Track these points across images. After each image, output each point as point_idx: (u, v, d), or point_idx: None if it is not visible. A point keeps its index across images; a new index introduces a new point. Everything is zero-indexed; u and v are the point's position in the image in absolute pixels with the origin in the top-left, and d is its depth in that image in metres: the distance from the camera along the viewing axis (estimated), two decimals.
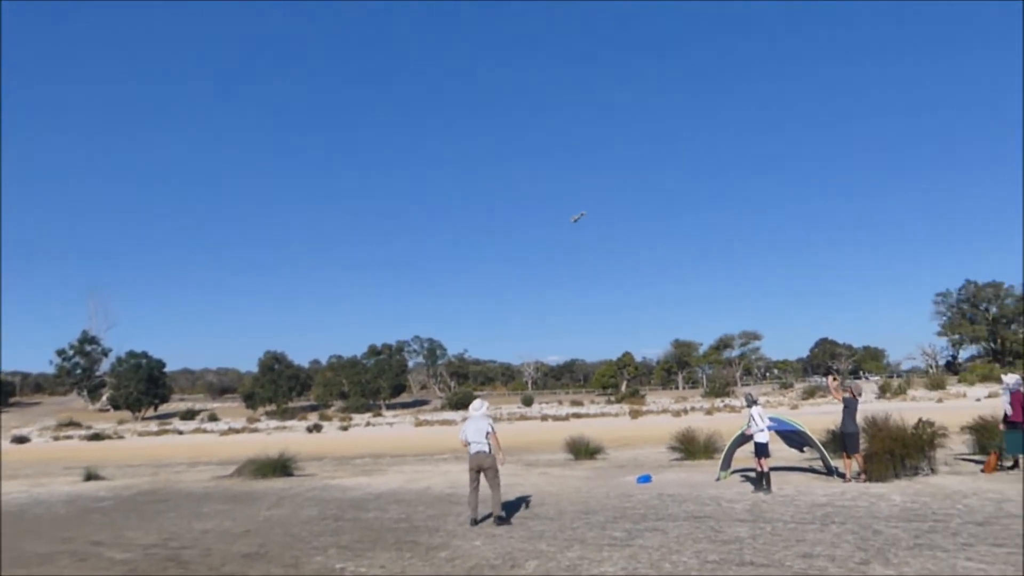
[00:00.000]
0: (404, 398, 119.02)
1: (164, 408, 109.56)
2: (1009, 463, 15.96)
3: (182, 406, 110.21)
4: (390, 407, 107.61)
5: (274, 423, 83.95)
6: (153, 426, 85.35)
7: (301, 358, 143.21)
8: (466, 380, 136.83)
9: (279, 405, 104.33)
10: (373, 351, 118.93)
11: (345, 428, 74.01)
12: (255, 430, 74.62)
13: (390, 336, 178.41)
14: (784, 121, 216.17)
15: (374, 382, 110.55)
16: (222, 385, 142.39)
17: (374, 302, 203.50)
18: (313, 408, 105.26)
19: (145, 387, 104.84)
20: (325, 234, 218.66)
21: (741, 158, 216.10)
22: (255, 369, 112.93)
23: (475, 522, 11.97)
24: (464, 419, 13.01)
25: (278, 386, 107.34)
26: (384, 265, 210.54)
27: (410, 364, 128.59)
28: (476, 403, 12.72)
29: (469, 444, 12.27)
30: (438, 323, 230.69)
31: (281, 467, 22.35)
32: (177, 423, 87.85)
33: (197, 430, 78.37)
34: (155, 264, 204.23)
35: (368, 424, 78.90)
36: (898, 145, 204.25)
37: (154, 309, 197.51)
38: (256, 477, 21.56)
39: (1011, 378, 16.71)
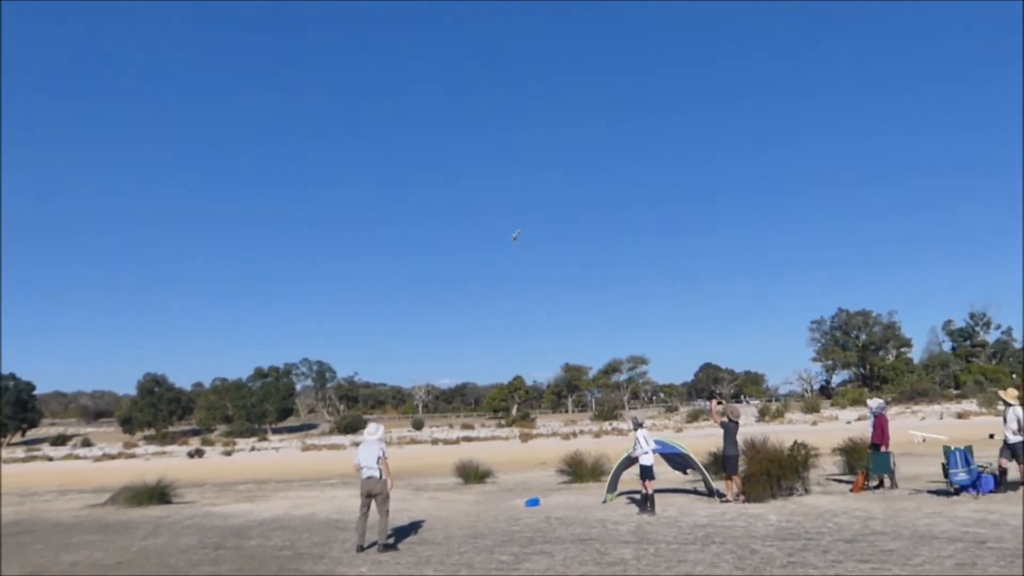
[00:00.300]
0: (291, 422, 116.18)
1: (33, 433, 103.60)
2: (875, 483, 16.79)
3: (53, 431, 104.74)
4: (276, 431, 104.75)
5: (153, 448, 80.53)
6: (20, 452, 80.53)
7: (183, 380, 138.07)
8: (356, 404, 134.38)
9: (159, 430, 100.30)
10: (259, 373, 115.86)
11: (229, 453, 71.58)
12: (132, 456, 71.31)
13: (277, 358, 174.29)
14: (664, 151, 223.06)
15: (260, 405, 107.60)
16: (97, 409, 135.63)
17: (261, 323, 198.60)
18: (195, 432, 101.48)
19: (12, 411, 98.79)
20: (211, 250, 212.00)
21: (629, 186, 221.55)
22: (133, 392, 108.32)
23: (361, 548, 11.76)
24: (358, 443, 12.82)
25: (158, 410, 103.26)
26: (272, 284, 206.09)
27: (298, 387, 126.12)
28: (371, 427, 12.55)
29: (361, 469, 12.08)
30: (328, 345, 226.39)
31: (159, 494, 21.42)
32: (47, 449, 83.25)
33: (69, 456, 74.34)
34: (24, 278, 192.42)
35: (253, 449, 76.56)
36: (774, 178, 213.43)
37: (23, 327, 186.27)
38: (131, 505, 20.58)
39: (874, 402, 17.72)
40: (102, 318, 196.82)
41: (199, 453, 70.72)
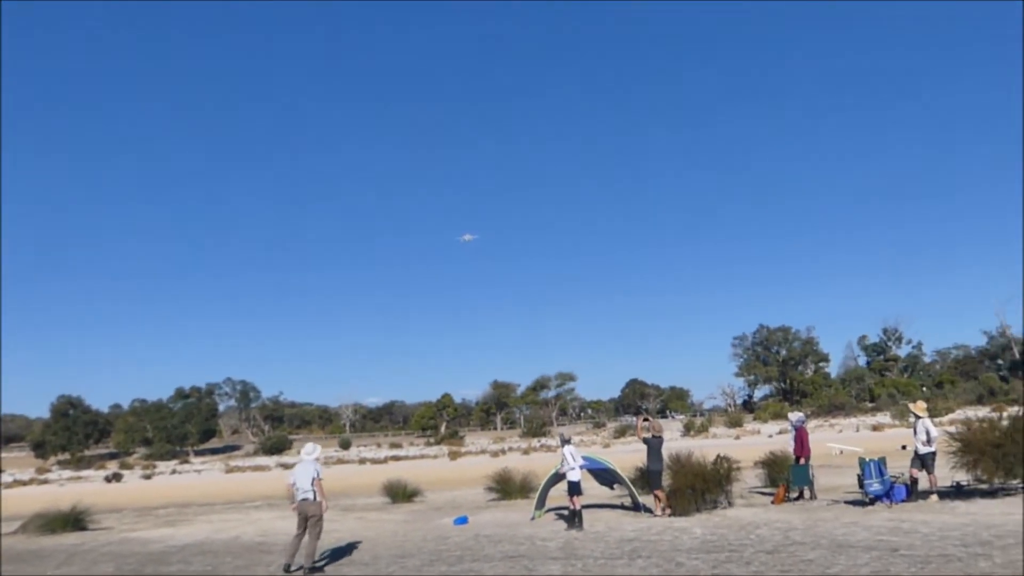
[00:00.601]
0: (214, 443, 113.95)
1: None
2: (795, 494, 17.21)
3: None
4: (199, 453, 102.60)
5: (68, 473, 77.93)
6: None
7: (100, 402, 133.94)
8: (281, 424, 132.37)
9: (74, 454, 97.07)
10: (180, 394, 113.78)
11: (148, 477, 69.71)
12: (45, 481, 68.70)
13: (199, 378, 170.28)
14: (587, 168, 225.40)
15: (181, 427, 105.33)
16: (8, 433, 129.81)
17: (183, 342, 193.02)
18: (113, 456, 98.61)
19: None
20: (128, 266, 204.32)
21: (552, 204, 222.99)
22: (46, 415, 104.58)
23: (288, 568, 11.54)
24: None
25: (73, 433, 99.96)
26: (194, 302, 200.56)
27: (221, 407, 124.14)
28: (308, 447, 12.37)
29: (296, 490, 11.89)
30: (252, 365, 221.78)
31: (73, 521, 20.63)
32: None
33: None
34: None
35: (174, 472, 74.70)
36: (695, 195, 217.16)
37: None
38: (44, 533, 19.76)
39: (795, 415, 18.24)
40: (12, 337, 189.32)
41: (117, 477, 68.77)
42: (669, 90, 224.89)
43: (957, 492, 15.75)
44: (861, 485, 15.38)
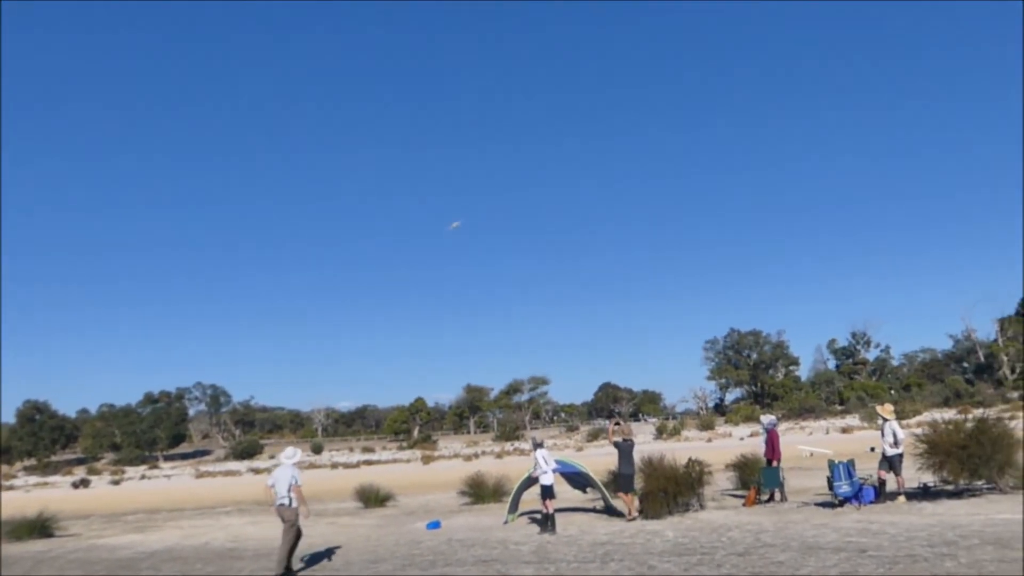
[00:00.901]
0: (184, 448, 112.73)
1: None
2: (766, 497, 17.37)
3: None
4: (168, 458, 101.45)
5: (34, 479, 76.65)
6: None
7: (67, 407, 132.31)
8: (252, 428, 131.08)
9: (40, 459, 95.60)
10: (149, 399, 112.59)
11: (117, 482, 68.76)
12: (11, 488, 67.48)
13: (169, 382, 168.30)
14: (556, 172, 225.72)
15: (150, 432, 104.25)
16: None
17: (152, 345, 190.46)
18: (81, 462, 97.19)
19: None
20: (95, 267, 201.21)
21: (523, 206, 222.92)
22: (12, 420, 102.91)
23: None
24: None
25: (39, 438, 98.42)
26: (163, 304, 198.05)
27: (191, 412, 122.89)
28: (288, 450, 12.33)
29: (275, 493, 11.85)
30: (222, 368, 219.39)
31: (40, 527, 20.35)
32: None
33: None
34: None
35: (143, 477, 73.82)
36: (666, 198, 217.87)
37: None
38: (10, 540, 19.46)
39: (766, 419, 18.48)
40: None
41: (85, 483, 67.71)
42: (642, 88, 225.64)
43: (924, 493, 15.99)
44: (831, 487, 15.57)
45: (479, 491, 23.53)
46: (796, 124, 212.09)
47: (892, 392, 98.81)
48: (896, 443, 15.38)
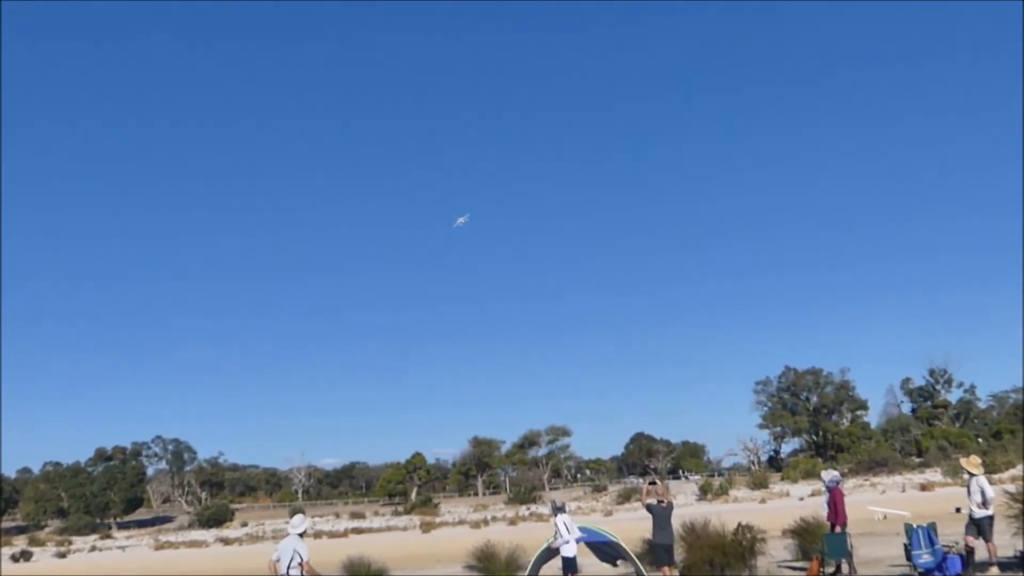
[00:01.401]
0: (142, 514, 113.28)
1: None
2: (831, 569, 17.15)
3: None
4: (123, 526, 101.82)
5: None
6: None
7: (6, 467, 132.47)
8: (221, 490, 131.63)
9: None
10: (102, 456, 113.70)
11: (63, 555, 69.00)
12: None
13: (124, 437, 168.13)
14: (587, 198, 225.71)
15: (102, 495, 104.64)
16: None
17: (104, 394, 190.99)
18: (21, 530, 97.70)
19: None
20: (39, 305, 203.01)
21: (540, 237, 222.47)
22: None
23: None
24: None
25: None
26: (116, 349, 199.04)
27: (150, 471, 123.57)
28: (296, 519, 12.42)
29: (278, 570, 11.84)
30: (186, 421, 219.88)
31: None
32: None
33: None
34: None
35: (94, 548, 73.91)
36: (708, 225, 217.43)
37: None
38: None
39: (828, 475, 18.21)
40: None
41: (26, 556, 67.99)
42: (682, 102, 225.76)
43: (1021, 563, 15.78)
44: (909, 557, 15.39)
45: (489, 565, 23.38)
46: (855, 134, 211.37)
47: (980, 441, 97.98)
48: (985, 503, 15.20)
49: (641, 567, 17.21)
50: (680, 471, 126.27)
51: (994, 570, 14.99)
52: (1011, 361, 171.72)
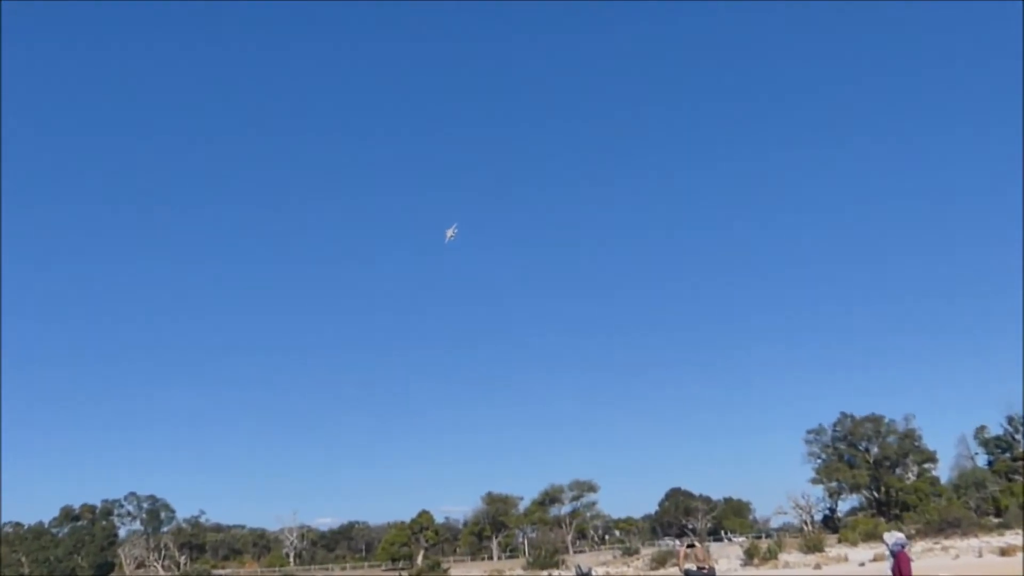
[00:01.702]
0: None
1: None
2: None
3: None
4: None
5: None
6: None
7: None
8: (203, 553, 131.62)
9: None
10: (68, 515, 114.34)
11: None
12: None
13: (93, 494, 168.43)
14: (617, 230, 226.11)
15: (68, 560, 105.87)
16: None
17: (71, 445, 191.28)
18: None
19: None
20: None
21: (566, 269, 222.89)
22: None
23: None
24: None
25: None
26: (85, 397, 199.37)
27: (122, 532, 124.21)
28: None
29: None
30: (162, 476, 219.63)
31: None
32: None
33: None
34: None
35: None
36: (753, 254, 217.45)
37: None
38: None
39: (892, 537, 17.33)
40: None
41: None
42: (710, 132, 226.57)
43: None
44: None
45: None
46: (926, 162, 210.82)
47: None
48: None
49: None
50: (722, 532, 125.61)
51: None
52: None
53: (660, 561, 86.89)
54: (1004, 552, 67.10)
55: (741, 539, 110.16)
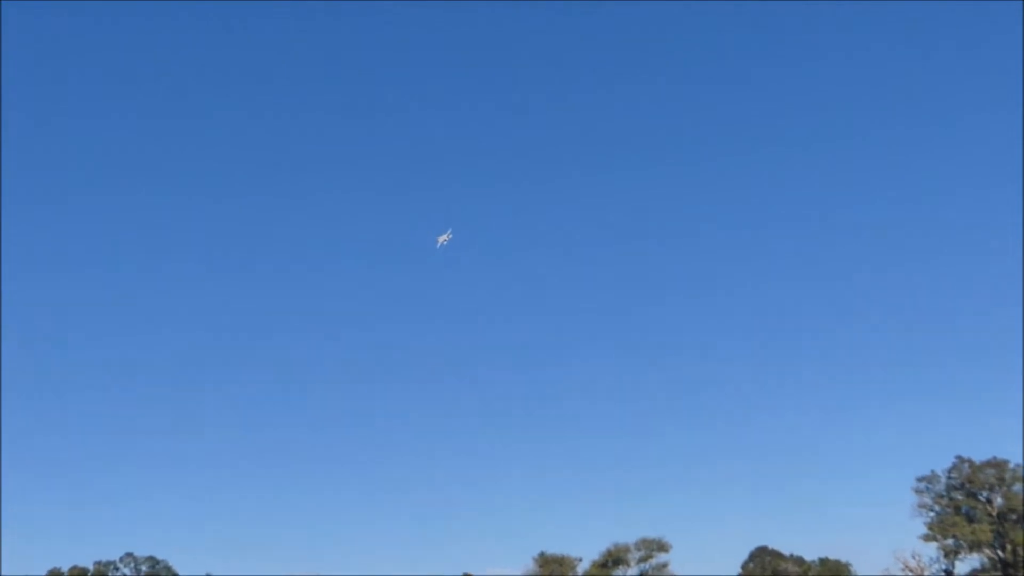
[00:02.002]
0: None
1: None
2: None
3: None
4: None
5: None
6: None
7: None
8: None
9: None
10: None
11: None
12: None
13: (85, 554, 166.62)
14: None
15: None
16: None
17: (62, 503, 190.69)
18: None
19: None
20: None
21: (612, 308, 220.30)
22: None
23: None
24: None
25: None
26: (76, 450, 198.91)
27: None
28: None
29: None
30: (163, 533, 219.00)
31: None
32: None
33: None
34: None
35: None
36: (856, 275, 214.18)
37: None
38: None
39: None
40: None
41: None
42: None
43: None
44: None
45: None
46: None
47: None
48: None
49: None
50: None
51: None
52: None
53: None
54: None
55: None
